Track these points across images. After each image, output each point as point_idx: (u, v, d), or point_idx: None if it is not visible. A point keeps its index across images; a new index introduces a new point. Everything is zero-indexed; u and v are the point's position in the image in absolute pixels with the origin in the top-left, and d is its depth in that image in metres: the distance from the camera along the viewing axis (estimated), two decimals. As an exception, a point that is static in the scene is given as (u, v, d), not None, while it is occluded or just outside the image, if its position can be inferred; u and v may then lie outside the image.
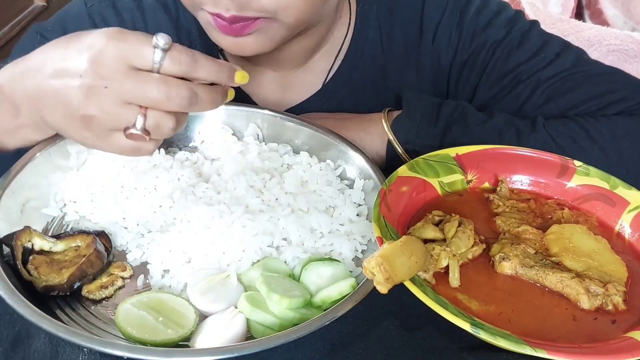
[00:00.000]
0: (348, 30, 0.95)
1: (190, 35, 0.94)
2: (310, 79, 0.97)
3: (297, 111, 0.96)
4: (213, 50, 0.93)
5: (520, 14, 0.94)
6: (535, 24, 0.93)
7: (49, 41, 0.73)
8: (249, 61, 0.94)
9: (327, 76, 0.96)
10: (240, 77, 0.64)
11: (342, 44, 0.95)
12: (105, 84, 0.59)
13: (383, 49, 0.95)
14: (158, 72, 0.59)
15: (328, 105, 0.97)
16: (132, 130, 0.60)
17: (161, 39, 0.58)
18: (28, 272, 0.64)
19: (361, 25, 0.95)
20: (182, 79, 0.60)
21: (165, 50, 0.59)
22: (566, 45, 0.91)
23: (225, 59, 0.95)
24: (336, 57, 0.96)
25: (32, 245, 0.67)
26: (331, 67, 0.96)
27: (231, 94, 0.65)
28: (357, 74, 0.96)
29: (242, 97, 0.96)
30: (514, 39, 0.90)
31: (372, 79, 0.97)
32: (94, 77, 0.59)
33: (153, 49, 0.59)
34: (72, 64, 0.61)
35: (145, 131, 0.60)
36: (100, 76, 0.59)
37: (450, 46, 0.93)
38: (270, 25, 0.77)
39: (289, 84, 0.97)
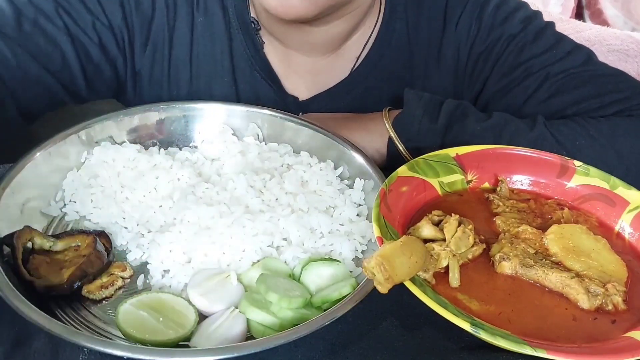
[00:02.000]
0: (377, 20, 0.97)
1: (228, 12, 0.95)
2: (339, 65, 0.98)
3: (325, 97, 0.97)
4: (249, 30, 0.94)
5: (538, 13, 0.97)
6: (550, 23, 0.95)
7: None
8: (283, 44, 0.95)
9: (355, 64, 0.98)
10: None
11: (371, 33, 0.97)
12: None
13: (409, 41, 0.97)
14: None
15: (354, 93, 0.98)
16: None
17: None
18: (28, 272, 0.64)
19: (389, 16, 0.97)
20: None
21: None
22: (577, 46, 0.94)
23: (262, 41, 0.96)
24: (365, 46, 0.97)
25: (32, 244, 0.67)
26: (359, 55, 0.97)
27: None
28: (383, 63, 0.98)
29: (272, 81, 0.97)
30: (529, 34, 0.93)
31: (398, 69, 0.98)
32: None
33: None
34: None
35: None
36: None
37: (469, 38, 0.96)
38: None
39: (319, 70, 0.98)
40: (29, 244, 0.67)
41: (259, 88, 0.97)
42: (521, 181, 0.78)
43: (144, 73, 0.96)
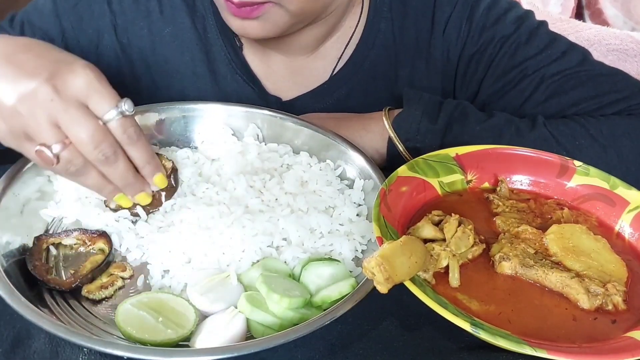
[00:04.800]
0: (359, 20, 0.96)
1: (205, 20, 0.95)
2: (320, 66, 0.98)
3: (306, 99, 0.97)
4: (228, 34, 0.94)
5: (530, 12, 0.96)
6: (543, 23, 0.94)
7: (61, 5, 0.88)
8: (261, 44, 0.95)
9: (336, 64, 0.97)
10: (158, 180, 0.69)
11: (353, 33, 0.97)
12: (55, 97, 0.60)
13: (395, 41, 0.97)
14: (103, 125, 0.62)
15: (338, 95, 0.98)
16: (45, 151, 0.61)
17: (125, 105, 0.63)
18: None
19: (374, 17, 0.96)
20: None
21: (122, 114, 0.63)
22: (572, 45, 0.93)
23: (240, 43, 0.96)
24: (346, 46, 0.97)
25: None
26: (341, 56, 0.97)
27: (144, 199, 0.69)
28: (368, 64, 0.97)
29: (254, 83, 0.96)
30: (522, 35, 0.92)
31: (383, 70, 0.98)
32: (52, 84, 0.60)
33: (114, 107, 0.62)
34: (43, 63, 0.62)
35: (57, 158, 0.61)
36: (57, 88, 0.60)
37: (459, 39, 0.95)
38: (275, 12, 0.80)
39: (299, 70, 0.98)
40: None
41: (241, 91, 0.97)
42: (521, 181, 0.78)
43: None
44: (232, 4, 0.79)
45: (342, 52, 0.97)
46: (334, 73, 0.97)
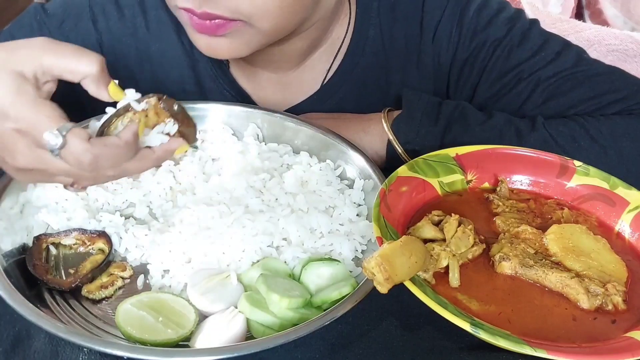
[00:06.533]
0: (348, 29, 0.95)
1: (185, 34, 0.93)
2: (309, 78, 0.96)
3: (297, 111, 0.95)
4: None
5: (520, 12, 0.94)
6: (535, 22, 0.93)
7: (47, 25, 0.86)
8: (246, 62, 0.94)
9: (326, 75, 0.96)
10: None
11: (342, 43, 0.95)
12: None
13: (384, 47, 0.95)
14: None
15: (329, 104, 0.97)
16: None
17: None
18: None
19: (361, 24, 0.94)
20: None
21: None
22: (566, 44, 0.91)
23: (226, 60, 0.95)
24: (335, 56, 0.95)
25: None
26: (330, 66, 0.96)
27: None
28: (358, 72, 0.96)
29: (243, 99, 0.96)
30: (514, 37, 0.90)
31: (374, 77, 0.96)
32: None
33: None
34: None
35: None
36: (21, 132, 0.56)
37: (450, 44, 0.93)
38: (246, 30, 0.76)
39: (288, 83, 0.97)
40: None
41: None
42: (521, 181, 0.78)
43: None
44: (194, 15, 0.74)
45: (332, 63, 0.95)
46: (325, 82, 0.96)
